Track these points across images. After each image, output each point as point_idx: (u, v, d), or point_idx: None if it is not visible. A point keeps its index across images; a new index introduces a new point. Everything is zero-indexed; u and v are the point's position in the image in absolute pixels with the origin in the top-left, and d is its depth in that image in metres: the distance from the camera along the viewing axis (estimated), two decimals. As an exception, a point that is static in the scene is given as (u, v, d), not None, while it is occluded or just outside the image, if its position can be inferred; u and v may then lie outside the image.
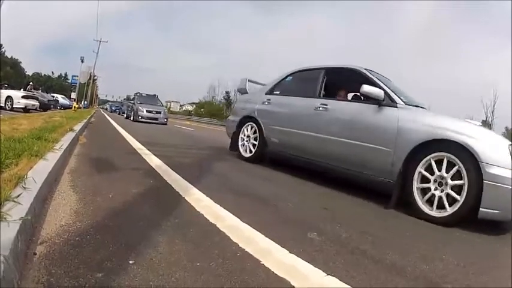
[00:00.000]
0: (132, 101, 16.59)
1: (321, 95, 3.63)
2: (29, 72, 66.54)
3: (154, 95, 16.51)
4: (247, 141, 4.36)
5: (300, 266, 1.31)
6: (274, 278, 1.20)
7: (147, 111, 13.79)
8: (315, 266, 1.32)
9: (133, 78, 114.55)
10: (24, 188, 1.43)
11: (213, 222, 1.72)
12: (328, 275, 1.26)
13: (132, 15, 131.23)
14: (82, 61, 25.27)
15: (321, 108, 3.38)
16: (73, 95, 21.84)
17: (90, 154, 3.49)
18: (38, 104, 13.49)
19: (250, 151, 4.27)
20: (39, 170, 1.87)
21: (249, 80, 4.95)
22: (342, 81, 3.86)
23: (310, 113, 3.48)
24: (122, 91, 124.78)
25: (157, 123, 13.38)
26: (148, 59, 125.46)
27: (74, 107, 15.37)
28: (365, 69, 3.35)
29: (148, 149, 4.26)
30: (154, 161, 3.43)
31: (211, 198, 2.14)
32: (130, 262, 1.17)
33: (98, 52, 30.11)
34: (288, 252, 1.43)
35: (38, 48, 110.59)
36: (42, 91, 19.70)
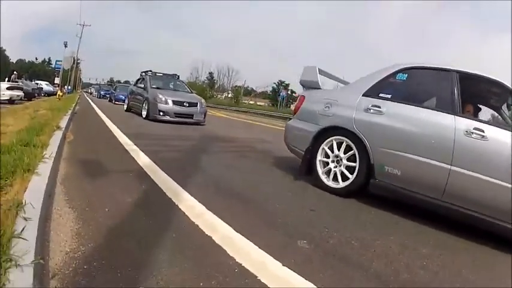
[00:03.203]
0: (140, 85, 9.67)
1: (460, 111, 2.64)
2: (13, 59, 64.37)
3: (175, 74, 10.40)
4: (335, 164, 3.09)
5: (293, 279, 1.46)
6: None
7: (174, 102, 8.09)
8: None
9: (115, 61, 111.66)
10: (25, 219, 1.47)
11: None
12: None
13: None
14: (66, 46, 24.79)
15: (474, 135, 2.44)
16: (57, 80, 21.40)
17: (79, 156, 3.46)
18: (23, 94, 13.72)
19: (342, 179, 3.01)
20: (34, 189, 1.90)
21: (319, 70, 3.52)
22: (471, 93, 3.01)
23: (457, 139, 2.49)
24: (105, 74, 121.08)
25: (192, 123, 8.24)
26: (131, 42, 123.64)
27: (59, 95, 13.73)
28: None
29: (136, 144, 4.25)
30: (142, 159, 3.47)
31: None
32: (140, 289, 1.27)
33: (81, 36, 29.32)
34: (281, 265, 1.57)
35: (21, 35, 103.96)
36: (26, 78, 19.68)
